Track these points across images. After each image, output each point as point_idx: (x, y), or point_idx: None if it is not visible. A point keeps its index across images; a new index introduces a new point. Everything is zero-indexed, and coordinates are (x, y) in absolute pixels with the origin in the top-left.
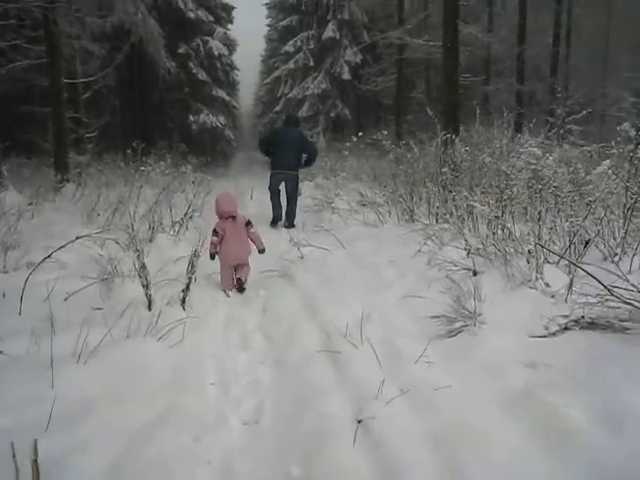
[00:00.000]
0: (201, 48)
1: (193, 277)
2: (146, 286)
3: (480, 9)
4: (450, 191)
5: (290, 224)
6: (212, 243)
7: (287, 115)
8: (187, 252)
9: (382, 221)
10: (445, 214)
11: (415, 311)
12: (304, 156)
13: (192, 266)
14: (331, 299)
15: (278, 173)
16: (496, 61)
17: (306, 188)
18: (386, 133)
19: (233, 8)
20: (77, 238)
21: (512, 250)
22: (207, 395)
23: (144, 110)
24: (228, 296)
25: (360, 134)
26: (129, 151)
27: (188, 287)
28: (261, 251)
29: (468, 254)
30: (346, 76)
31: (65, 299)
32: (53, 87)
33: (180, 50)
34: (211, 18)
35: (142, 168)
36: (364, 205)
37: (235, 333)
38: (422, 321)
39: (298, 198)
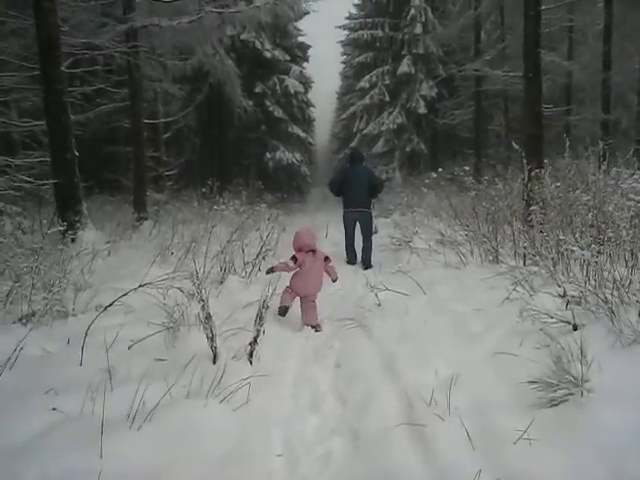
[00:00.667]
0: (277, 86)
1: (262, 329)
2: (211, 338)
3: (560, 37)
4: (541, 231)
5: (367, 265)
6: (284, 263)
7: (351, 153)
8: (258, 296)
9: (464, 262)
10: (534, 255)
11: (508, 373)
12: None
13: (260, 318)
14: (412, 356)
15: (351, 212)
16: (577, 90)
17: (382, 225)
18: (466, 168)
19: (309, 47)
20: (140, 286)
21: (617, 300)
22: (273, 470)
23: (222, 148)
24: (282, 312)
25: (439, 169)
26: (204, 189)
27: (256, 340)
28: (334, 280)
29: (567, 305)
30: (422, 110)
31: (129, 347)
32: (134, 128)
33: (257, 89)
34: (287, 57)
35: (215, 207)
36: (444, 244)
37: (306, 393)
38: (517, 386)
39: (374, 236)
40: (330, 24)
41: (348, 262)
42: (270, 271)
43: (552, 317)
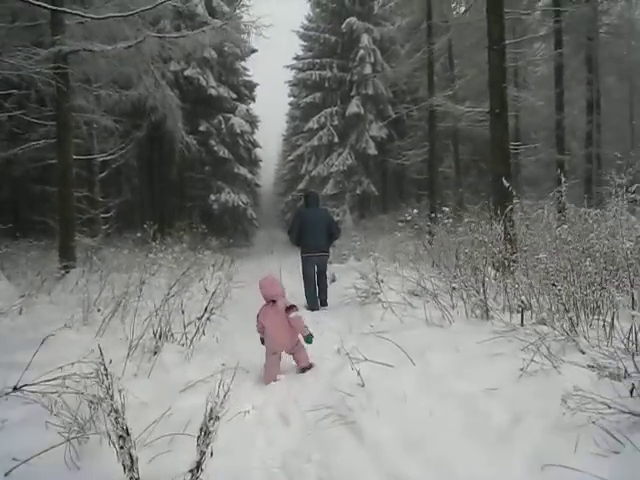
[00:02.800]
0: (223, 125)
1: (208, 450)
2: (130, 467)
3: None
4: (554, 284)
5: (324, 303)
6: (258, 331)
7: (307, 194)
8: (200, 374)
9: (448, 318)
10: (540, 312)
11: None
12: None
13: (206, 434)
14: (427, 475)
15: (310, 256)
16: (528, 130)
17: (340, 272)
18: (416, 211)
19: (256, 85)
20: (15, 389)
21: None
22: None
23: (163, 189)
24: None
25: (394, 211)
26: (139, 234)
27: (199, 466)
28: (307, 339)
29: (632, 391)
30: (372, 151)
31: (7, 473)
32: (61, 164)
33: (201, 127)
34: (233, 95)
35: (151, 255)
36: (419, 296)
37: None
38: None
39: (333, 285)
40: (277, 66)
41: (311, 309)
42: (263, 342)
43: (610, 406)
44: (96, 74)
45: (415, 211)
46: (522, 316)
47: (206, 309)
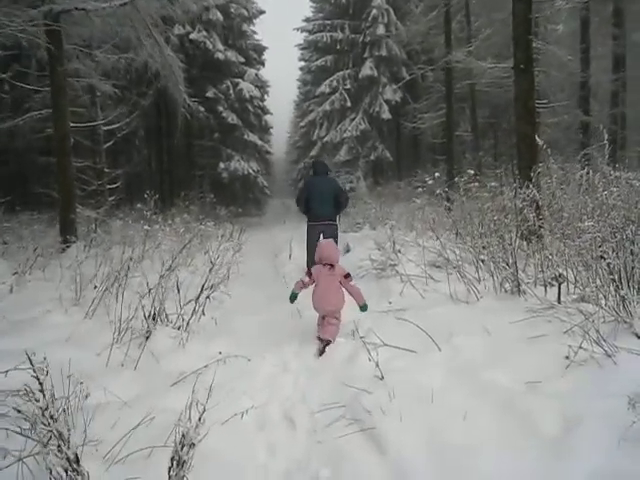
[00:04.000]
0: (231, 91)
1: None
2: None
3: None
4: (602, 257)
5: None
6: (300, 281)
7: (314, 162)
8: (196, 362)
9: (475, 294)
10: (579, 287)
11: None
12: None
13: (179, 465)
14: None
15: (316, 225)
16: (546, 92)
17: (355, 242)
18: (437, 175)
19: (265, 49)
20: None
21: None
22: None
23: (172, 158)
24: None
25: (411, 177)
26: (139, 205)
27: None
28: (363, 308)
29: None
30: (386, 115)
31: None
32: (57, 133)
33: (209, 93)
34: (242, 59)
35: (146, 227)
36: (441, 268)
37: None
38: None
39: (348, 255)
40: (287, 29)
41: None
42: (294, 297)
43: None
44: (92, 36)
45: (436, 175)
46: (559, 291)
47: (203, 287)
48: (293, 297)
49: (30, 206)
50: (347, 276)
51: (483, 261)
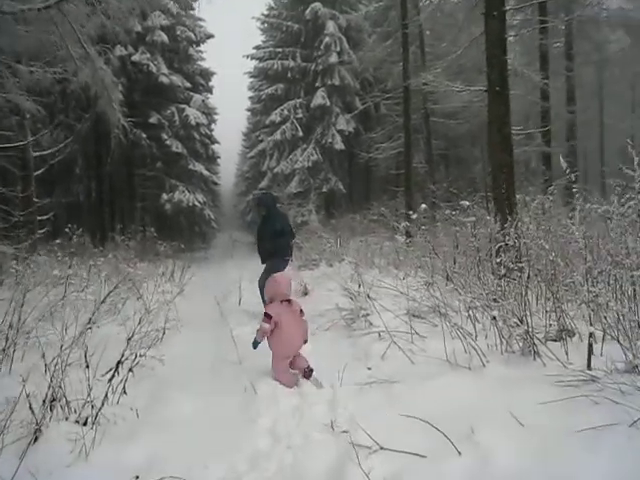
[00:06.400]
0: (176, 117)
1: None
2: None
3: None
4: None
5: None
6: (263, 330)
7: (264, 197)
8: None
9: (479, 356)
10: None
11: None
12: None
13: None
14: None
15: (283, 261)
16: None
17: (312, 282)
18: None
19: (213, 74)
20: None
21: None
22: None
23: (112, 188)
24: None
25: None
26: (58, 241)
27: None
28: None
29: None
30: (339, 146)
31: None
32: None
33: (152, 119)
34: (188, 84)
35: (55, 272)
36: (417, 317)
37: None
38: None
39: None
40: (236, 61)
41: None
42: (257, 344)
43: None
44: (11, 45)
45: (421, 209)
46: (589, 355)
47: (118, 363)
48: (255, 345)
49: None
50: (301, 311)
51: (495, 319)
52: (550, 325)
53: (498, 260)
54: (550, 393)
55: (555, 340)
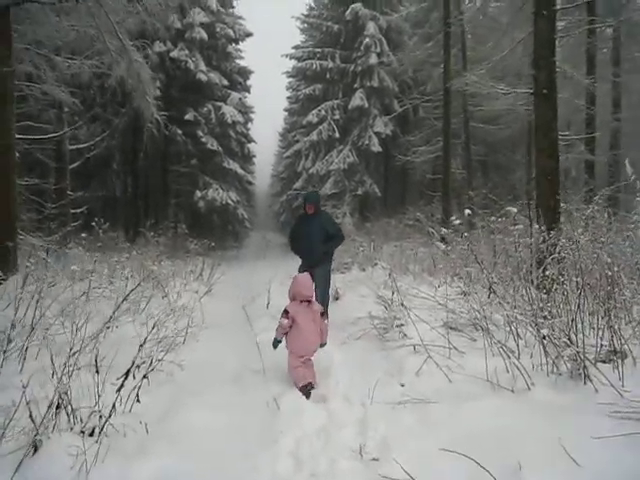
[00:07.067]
0: (212, 114)
1: None
2: None
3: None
4: None
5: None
6: (281, 326)
7: (305, 196)
8: None
9: (524, 378)
10: None
11: None
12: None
13: None
14: None
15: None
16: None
17: (344, 286)
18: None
19: (251, 73)
20: None
21: None
22: None
23: (147, 183)
24: (308, 393)
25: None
26: (82, 235)
27: None
28: (322, 345)
29: None
30: (376, 148)
31: None
32: None
33: (188, 116)
34: (225, 82)
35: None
36: (454, 329)
37: None
38: None
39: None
40: (276, 62)
41: None
42: (277, 344)
43: None
44: (48, 35)
45: (465, 214)
46: None
47: (128, 371)
48: (275, 344)
49: None
50: (322, 314)
51: (545, 338)
52: (601, 346)
53: (543, 273)
54: (605, 426)
55: (604, 362)
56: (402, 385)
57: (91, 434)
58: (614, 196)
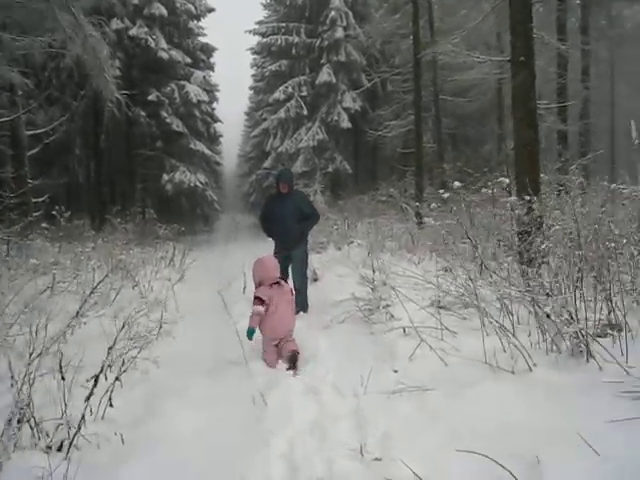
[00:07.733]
0: (176, 94)
1: None
2: None
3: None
4: None
5: (303, 308)
6: (257, 314)
7: (278, 174)
8: None
9: (525, 359)
10: None
11: None
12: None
13: None
14: None
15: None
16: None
17: (321, 267)
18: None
19: (214, 50)
20: None
21: None
22: None
23: (111, 169)
24: (293, 362)
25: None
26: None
27: None
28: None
29: None
30: (345, 124)
31: None
32: None
33: (151, 97)
34: (188, 60)
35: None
36: (443, 308)
37: None
38: None
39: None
40: (239, 41)
41: None
42: (252, 333)
43: None
44: None
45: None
46: None
47: (97, 377)
48: (251, 334)
49: None
50: (291, 291)
51: (548, 316)
52: (599, 320)
53: (530, 246)
54: (619, 408)
55: (600, 336)
56: (395, 371)
57: (59, 449)
58: (585, 165)
